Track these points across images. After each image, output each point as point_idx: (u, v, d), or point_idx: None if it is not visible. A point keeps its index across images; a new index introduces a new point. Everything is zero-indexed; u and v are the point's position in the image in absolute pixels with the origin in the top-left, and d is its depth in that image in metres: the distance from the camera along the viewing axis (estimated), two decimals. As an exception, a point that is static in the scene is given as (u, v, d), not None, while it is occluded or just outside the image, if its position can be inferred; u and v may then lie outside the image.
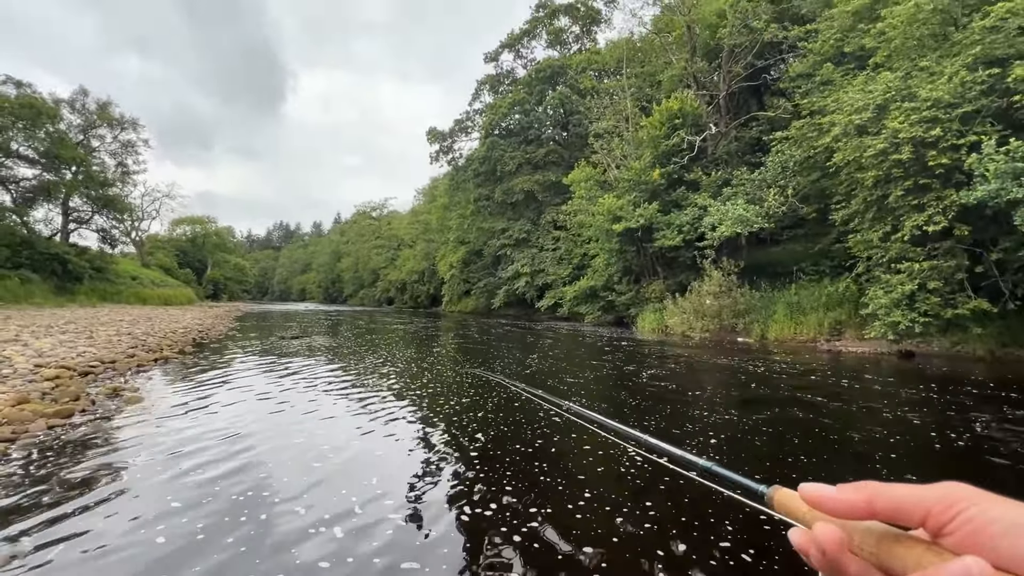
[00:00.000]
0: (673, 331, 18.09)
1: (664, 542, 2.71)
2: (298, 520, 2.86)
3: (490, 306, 38.36)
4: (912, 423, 5.25)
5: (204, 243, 64.04)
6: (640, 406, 6.04)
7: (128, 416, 5.06)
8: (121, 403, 5.63)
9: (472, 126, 42.60)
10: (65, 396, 5.59)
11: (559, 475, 3.67)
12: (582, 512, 3.05)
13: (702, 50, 22.72)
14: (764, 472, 3.80)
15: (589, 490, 3.37)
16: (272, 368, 8.73)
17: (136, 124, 37.81)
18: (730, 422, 5.30)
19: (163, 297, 38.20)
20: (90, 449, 3.96)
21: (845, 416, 5.56)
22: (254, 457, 3.90)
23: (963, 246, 10.85)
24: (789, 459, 4.11)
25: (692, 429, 4.99)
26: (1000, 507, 0.32)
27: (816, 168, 15.32)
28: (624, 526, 2.89)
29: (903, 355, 11.40)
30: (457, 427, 4.99)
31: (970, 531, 0.32)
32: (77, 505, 2.97)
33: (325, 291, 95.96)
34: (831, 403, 6.23)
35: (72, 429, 4.51)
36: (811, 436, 4.76)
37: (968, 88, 10.45)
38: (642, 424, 5.20)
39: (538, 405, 5.47)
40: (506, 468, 3.82)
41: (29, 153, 29.35)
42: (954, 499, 0.34)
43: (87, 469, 3.54)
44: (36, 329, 11.76)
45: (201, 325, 18.14)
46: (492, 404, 5.92)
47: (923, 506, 0.35)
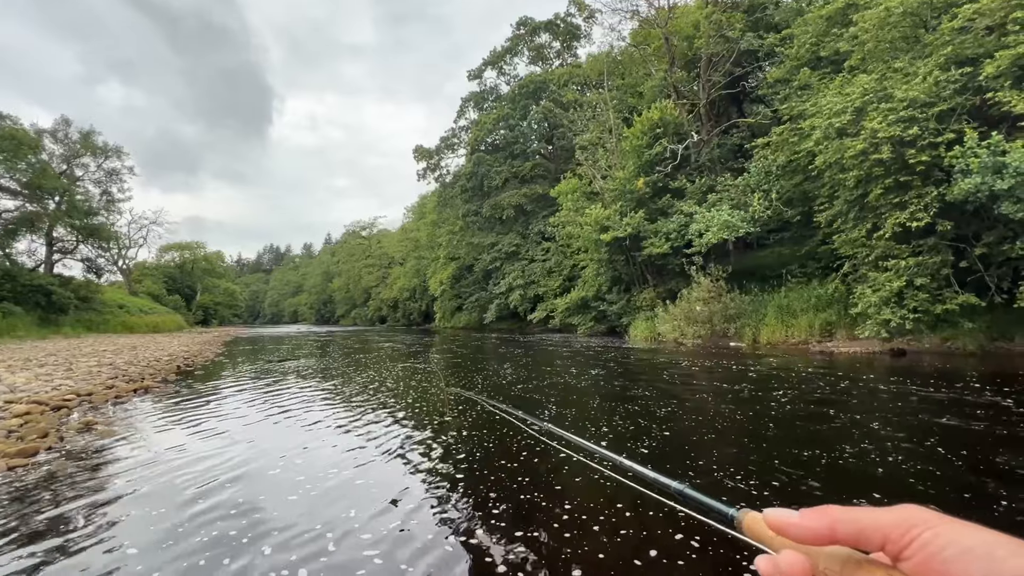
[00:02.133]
0: (665, 338, 18.01)
1: (645, 562, 2.57)
2: (266, 563, 2.69)
3: (482, 321, 38.16)
4: (908, 423, 5.15)
5: (193, 269, 63.38)
6: (630, 415, 5.90)
7: (95, 452, 4.84)
8: (91, 438, 5.40)
9: (458, 143, 42.85)
10: (33, 433, 5.36)
11: (540, 496, 3.52)
12: (564, 534, 2.90)
13: (681, 60, 23.07)
14: (757, 485, 3.67)
15: (569, 509, 3.22)
16: (255, 395, 8.51)
17: (120, 152, 37.67)
18: (721, 431, 5.18)
19: (151, 325, 37.64)
20: (45, 492, 3.75)
21: (839, 420, 5.46)
22: (225, 493, 3.71)
23: (947, 242, 10.91)
24: (785, 468, 3.99)
25: (683, 440, 4.86)
26: (954, 532, 0.33)
27: (799, 172, 15.46)
28: (608, 548, 2.75)
29: (895, 353, 11.37)
30: (439, 450, 4.82)
31: (925, 556, 0.33)
32: (19, 556, 2.77)
33: (317, 312, 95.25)
34: (824, 407, 6.13)
35: (34, 469, 4.29)
36: (803, 442, 4.64)
37: (942, 87, 10.61)
38: (634, 435, 5.07)
39: (519, 424, 5.32)
40: (488, 491, 3.66)
41: (11, 184, 29.04)
42: (911, 524, 0.34)
43: (36, 515, 3.33)
44: (13, 363, 11.43)
45: (187, 352, 17.79)
46: (474, 423, 5.76)
47: (881, 531, 0.35)
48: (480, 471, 4.12)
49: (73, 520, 3.21)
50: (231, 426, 5.94)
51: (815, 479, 3.70)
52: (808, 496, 3.41)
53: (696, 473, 3.90)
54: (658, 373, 10.04)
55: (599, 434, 5.21)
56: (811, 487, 3.55)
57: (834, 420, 5.41)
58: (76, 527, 3.11)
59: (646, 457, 4.32)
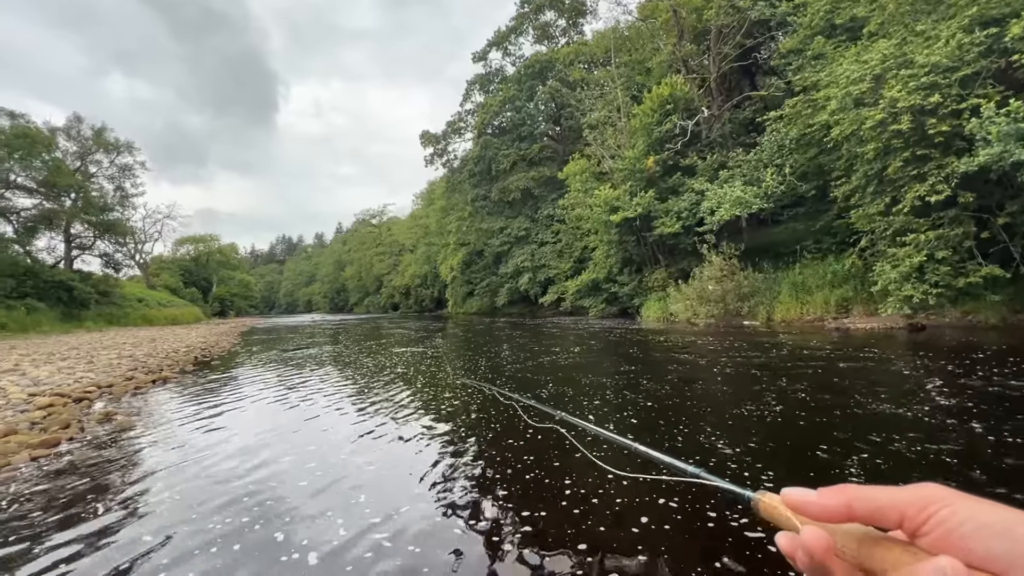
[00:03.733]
0: (678, 319, 17.87)
1: (667, 546, 2.55)
2: (279, 549, 2.73)
3: (494, 305, 38.23)
4: (932, 399, 5.04)
5: (208, 261, 64.29)
6: (641, 397, 5.87)
7: (115, 442, 4.96)
8: (111, 428, 5.53)
9: (464, 127, 42.43)
10: (55, 424, 5.50)
11: (545, 476, 3.51)
12: (572, 510, 2.90)
13: (690, 33, 22.42)
14: (780, 467, 3.62)
15: (573, 488, 3.21)
16: (270, 383, 8.64)
17: (132, 147, 37.95)
18: (739, 414, 5.12)
19: (170, 317, 38.40)
20: (68, 481, 3.85)
21: (858, 398, 5.36)
22: (239, 479, 3.77)
23: (969, 213, 10.57)
24: (809, 451, 3.93)
25: (699, 422, 4.82)
26: (971, 508, 0.33)
27: (813, 145, 15.04)
28: (631, 538, 2.73)
29: (914, 328, 11.12)
30: (447, 433, 4.85)
31: (943, 532, 0.33)
32: (43, 546, 2.85)
33: (331, 301, 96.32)
34: (842, 385, 6.03)
35: (57, 459, 4.40)
36: (825, 424, 4.56)
37: (966, 51, 10.16)
38: (651, 420, 5.04)
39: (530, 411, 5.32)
40: (496, 471, 3.67)
41: (27, 183, 29.54)
42: (927, 501, 0.35)
43: (58, 503, 3.42)
44: (37, 357, 11.74)
45: (205, 343, 18.13)
46: (481, 406, 5.78)
47: (898, 508, 0.36)
48: (487, 452, 4.13)
49: (91, 507, 3.29)
50: (246, 414, 6.04)
51: (836, 460, 3.64)
52: (827, 478, 3.36)
53: (714, 456, 3.86)
54: (670, 353, 9.96)
55: (617, 417, 5.20)
56: (832, 468, 3.50)
57: (853, 398, 5.31)
58: (94, 514, 3.18)
59: (663, 441, 4.29)
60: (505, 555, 2.56)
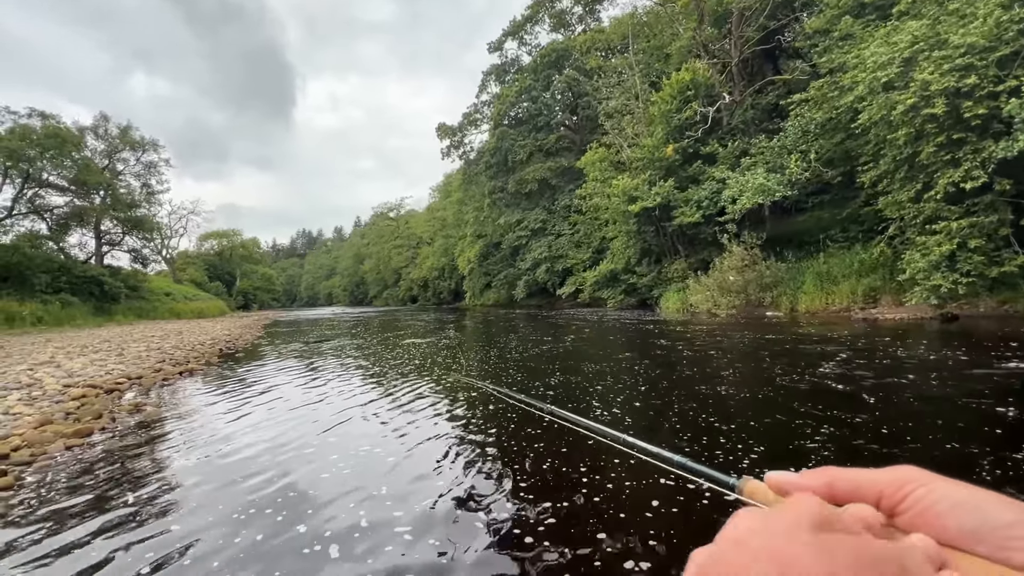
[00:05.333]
0: (698, 310, 17.61)
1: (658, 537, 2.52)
2: (301, 540, 2.77)
3: (512, 297, 38.25)
4: (962, 397, 4.87)
5: (232, 256, 65.77)
6: (664, 394, 5.80)
7: (144, 432, 5.11)
8: (141, 418, 5.70)
9: (481, 118, 42.28)
10: (88, 415, 5.70)
11: (564, 467, 3.50)
12: (593, 498, 2.88)
13: (710, 17, 21.84)
14: (799, 461, 3.54)
15: (590, 478, 3.19)
16: (292, 375, 8.80)
17: (156, 145, 38.86)
18: (754, 406, 5.02)
19: (196, 311, 39.45)
20: (100, 469, 3.98)
21: (882, 392, 5.20)
22: (263, 470, 3.85)
23: (1006, 199, 10.12)
24: (829, 444, 3.83)
25: (722, 418, 4.74)
26: (947, 488, 0.35)
27: (840, 129, 14.56)
28: (622, 526, 2.71)
29: (946, 319, 10.75)
30: (464, 427, 4.87)
31: (920, 510, 0.35)
32: (77, 534, 2.95)
33: (351, 294, 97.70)
34: (868, 379, 5.86)
35: (89, 448, 4.56)
36: (846, 420, 4.45)
37: (1004, 29, 9.68)
38: (665, 415, 4.98)
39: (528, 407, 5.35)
40: (512, 463, 3.67)
41: (59, 181, 30.55)
42: (905, 480, 0.36)
43: (92, 491, 3.54)
44: (71, 350, 12.18)
45: (229, 336, 18.56)
46: (498, 400, 5.78)
47: (877, 487, 0.37)
48: (504, 445, 4.14)
49: (120, 495, 3.40)
50: (270, 406, 6.16)
51: (860, 457, 3.54)
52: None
53: (743, 451, 3.80)
54: (688, 345, 9.82)
55: (628, 409, 5.15)
56: (853, 463, 3.40)
57: (878, 393, 5.16)
58: (124, 502, 3.29)
59: (693, 442, 4.24)
60: (529, 548, 2.56)
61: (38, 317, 22.49)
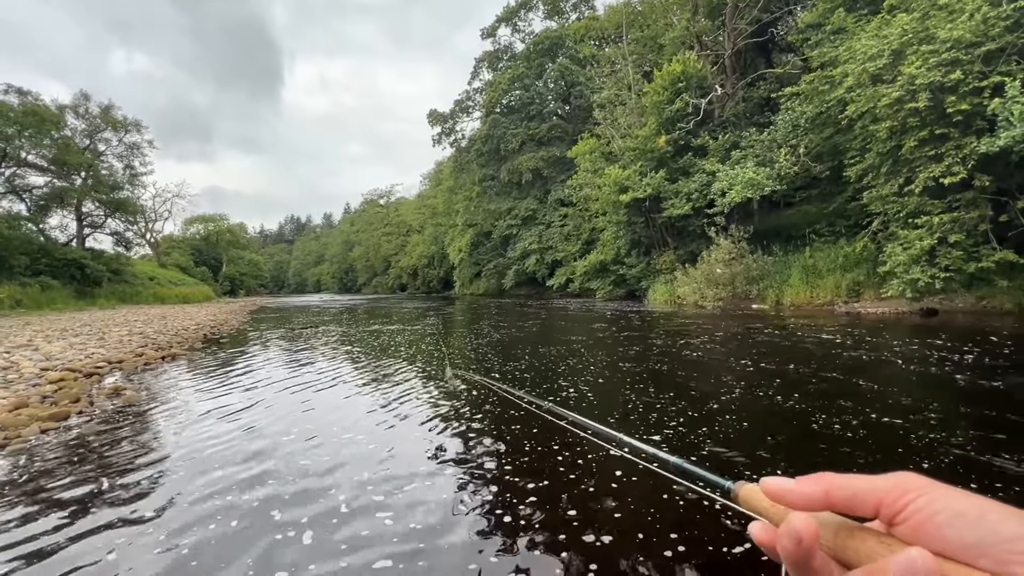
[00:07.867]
0: (685, 301, 17.76)
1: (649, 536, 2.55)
2: (274, 525, 2.76)
3: (501, 287, 38.24)
4: (935, 385, 4.97)
5: (218, 240, 64.75)
6: (646, 385, 5.85)
7: (123, 416, 5.04)
8: (121, 403, 5.62)
9: (473, 105, 41.87)
10: (65, 398, 5.61)
11: (551, 459, 3.52)
12: (573, 492, 2.91)
13: (705, 8, 21.75)
14: (779, 458, 3.59)
15: (575, 474, 3.22)
16: (277, 362, 8.73)
17: (139, 125, 37.90)
18: (741, 400, 5.09)
19: (181, 296, 38.88)
20: (75, 453, 3.92)
21: (862, 385, 5.30)
22: (243, 457, 3.82)
23: (986, 196, 10.28)
24: (809, 438, 3.90)
25: (701, 410, 4.80)
26: (947, 497, 0.34)
27: (829, 124, 14.65)
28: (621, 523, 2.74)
29: (925, 313, 10.96)
30: (452, 416, 4.87)
31: (919, 520, 0.33)
32: (48, 518, 2.91)
33: (339, 281, 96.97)
34: (847, 371, 5.96)
35: (65, 432, 4.49)
36: (823, 411, 4.52)
37: (991, 25, 9.76)
38: (650, 406, 5.03)
39: (530, 405, 5.37)
40: (499, 454, 3.69)
41: (38, 161, 29.70)
42: (904, 489, 0.35)
43: (66, 476, 3.49)
44: (50, 333, 11.95)
45: (214, 321, 18.34)
46: (488, 391, 5.79)
47: (876, 496, 0.36)
48: (492, 435, 4.15)
49: (96, 479, 3.35)
50: (253, 392, 6.11)
51: (839, 451, 3.61)
52: (827, 465, 3.34)
53: (716, 444, 3.85)
54: (673, 336, 9.91)
55: (613, 400, 5.19)
56: (834, 460, 3.47)
57: (857, 385, 5.25)
58: (99, 486, 3.25)
59: (662, 430, 4.28)
60: (512, 533, 2.58)
61: (17, 300, 21.99)
